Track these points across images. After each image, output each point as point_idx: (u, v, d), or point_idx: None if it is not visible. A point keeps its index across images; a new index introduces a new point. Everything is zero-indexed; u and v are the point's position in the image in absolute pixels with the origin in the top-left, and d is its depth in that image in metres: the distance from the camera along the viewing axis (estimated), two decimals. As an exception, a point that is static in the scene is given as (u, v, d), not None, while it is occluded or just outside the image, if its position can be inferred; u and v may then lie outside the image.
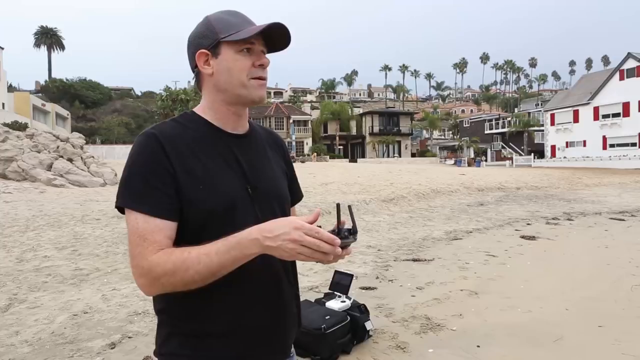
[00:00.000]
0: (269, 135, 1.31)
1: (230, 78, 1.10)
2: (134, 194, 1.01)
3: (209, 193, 1.04)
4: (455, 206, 12.42)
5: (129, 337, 3.53)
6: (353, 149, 55.00)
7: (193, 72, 1.15)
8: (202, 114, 1.15)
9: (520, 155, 47.34)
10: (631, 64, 38.07)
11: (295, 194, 1.36)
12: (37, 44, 66.77)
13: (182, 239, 1.03)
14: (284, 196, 1.23)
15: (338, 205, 1.00)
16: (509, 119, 54.18)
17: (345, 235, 0.97)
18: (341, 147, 53.18)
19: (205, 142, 1.10)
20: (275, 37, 1.12)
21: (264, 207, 1.13)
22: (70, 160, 16.39)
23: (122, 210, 1.04)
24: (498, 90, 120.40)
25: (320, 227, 0.94)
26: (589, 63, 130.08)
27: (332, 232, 0.96)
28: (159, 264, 0.96)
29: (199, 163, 1.06)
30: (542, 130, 47.61)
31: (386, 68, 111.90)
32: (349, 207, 1.05)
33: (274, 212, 1.15)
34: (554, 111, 44.92)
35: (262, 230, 0.93)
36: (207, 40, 1.09)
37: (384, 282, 5.10)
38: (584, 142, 41.38)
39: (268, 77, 1.15)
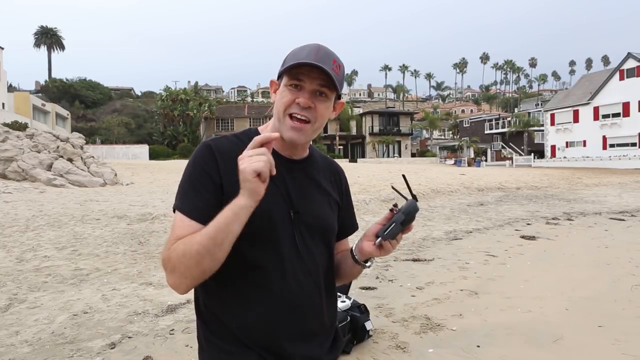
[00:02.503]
0: (327, 165, 1.31)
1: (275, 109, 1.15)
2: (181, 195, 1.10)
3: None
4: (455, 206, 12.42)
5: (129, 337, 3.53)
6: (353, 149, 54.98)
7: None
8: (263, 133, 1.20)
9: (520, 155, 47.31)
10: (631, 64, 38.06)
11: (349, 226, 1.36)
12: (37, 44, 66.82)
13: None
14: (328, 226, 1.23)
15: (404, 176, 1.17)
16: (509, 119, 54.14)
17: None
18: (341, 147, 53.18)
19: None
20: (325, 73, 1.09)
21: (305, 232, 1.15)
22: (70, 160, 16.39)
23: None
24: (498, 90, 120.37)
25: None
26: (589, 63, 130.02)
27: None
28: (174, 249, 1.02)
29: None
30: (542, 130, 47.60)
31: (386, 68, 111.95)
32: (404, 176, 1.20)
33: (314, 239, 1.17)
34: (554, 111, 44.91)
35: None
36: (279, 72, 1.15)
37: (384, 282, 5.10)
38: (584, 142, 41.37)
39: (316, 120, 1.11)
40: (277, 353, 1.12)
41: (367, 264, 1.20)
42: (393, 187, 1.27)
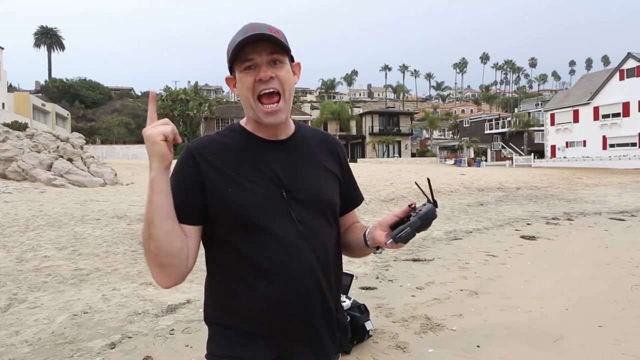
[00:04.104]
0: (320, 138, 1.29)
1: (242, 99, 1.15)
2: None
3: (238, 196, 1.09)
4: (455, 206, 12.43)
5: (129, 337, 3.53)
6: (353, 149, 54.98)
7: None
8: (244, 124, 1.22)
9: (520, 155, 47.31)
10: (631, 64, 38.05)
11: (352, 198, 1.35)
12: (37, 44, 66.87)
13: (216, 237, 1.12)
14: (327, 200, 1.21)
15: (429, 180, 1.20)
16: (509, 119, 54.15)
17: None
18: (341, 147, 53.10)
19: (237, 150, 1.15)
20: (273, 42, 1.10)
21: (302, 211, 1.13)
22: (70, 160, 16.39)
23: None
24: (498, 90, 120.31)
25: None
26: (589, 63, 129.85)
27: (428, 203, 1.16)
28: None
29: (227, 169, 1.11)
30: (542, 130, 47.59)
31: (386, 68, 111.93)
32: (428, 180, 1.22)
33: (314, 216, 1.16)
34: (554, 111, 44.90)
35: None
36: (228, 65, 1.15)
37: (384, 282, 5.10)
38: (584, 142, 41.36)
39: (283, 88, 1.12)
40: (285, 340, 1.11)
41: (378, 251, 1.21)
42: (417, 184, 1.32)
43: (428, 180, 1.20)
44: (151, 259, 1.04)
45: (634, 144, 37.53)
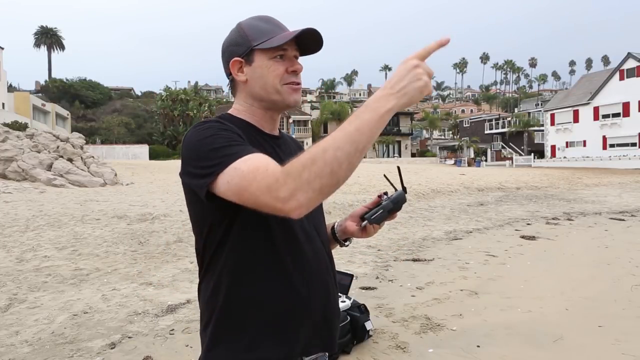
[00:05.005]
0: (292, 140, 1.34)
1: (264, 84, 1.11)
2: (221, 156, 0.94)
3: None
4: (455, 206, 12.42)
5: (129, 337, 3.53)
6: (353, 149, 54.95)
7: (228, 78, 1.17)
8: (240, 116, 1.16)
9: (520, 155, 47.32)
10: (631, 64, 38.06)
11: None
12: (37, 44, 66.90)
13: (228, 222, 1.02)
14: None
15: (398, 168, 1.23)
16: (509, 119, 54.17)
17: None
18: (341, 147, 53.09)
19: (254, 140, 1.11)
20: (308, 41, 1.12)
21: None
22: (70, 160, 16.38)
23: (209, 198, 0.96)
24: (498, 90, 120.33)
25: None
26: (589, 63, 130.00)
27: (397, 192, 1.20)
28: (291, 164, 0.86)
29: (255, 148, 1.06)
30: (542, 130, 47.61)
31: (386, 68, 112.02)
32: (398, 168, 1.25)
33: (319, 212, 1.19)
34: (554, 111, 44.91)
35: (387, 84, 0.88)
36: (240, 48, 1.11)
37: (384, 282, 5.10)
38: (584, 142, 41.37)
39: (302, 82, 1.16)
40: (303, 336, 1.08)
41: (346, 243, 1.24)
42: (385, 176, 1.35)
43: (398, 168, 1.23)
44: (321, 184, 0.84)
45: (634, 144, 37.54)
